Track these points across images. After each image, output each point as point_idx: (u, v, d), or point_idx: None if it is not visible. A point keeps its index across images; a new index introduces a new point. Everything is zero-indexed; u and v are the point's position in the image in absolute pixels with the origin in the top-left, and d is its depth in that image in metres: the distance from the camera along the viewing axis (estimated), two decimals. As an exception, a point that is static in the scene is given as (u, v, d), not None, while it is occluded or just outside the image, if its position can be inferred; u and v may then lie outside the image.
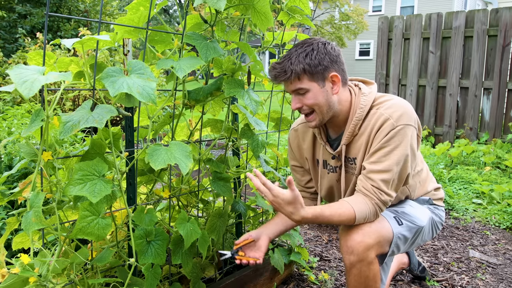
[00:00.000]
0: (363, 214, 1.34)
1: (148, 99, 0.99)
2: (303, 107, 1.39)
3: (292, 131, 1.66)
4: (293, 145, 1.65)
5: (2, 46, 7.52)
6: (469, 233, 2.70)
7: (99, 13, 2.21)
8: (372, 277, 1.36)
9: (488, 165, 4.12)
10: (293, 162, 1.68)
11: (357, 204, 1.34)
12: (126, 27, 1.23)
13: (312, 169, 1.62)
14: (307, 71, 1.33)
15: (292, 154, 1.67)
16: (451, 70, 4.99)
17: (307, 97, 1.37)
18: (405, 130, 1.33)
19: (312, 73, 1.34)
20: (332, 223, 1.34)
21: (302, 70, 1.33)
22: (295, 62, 1.33)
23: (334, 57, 1.37)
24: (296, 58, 1.34)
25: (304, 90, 1.36)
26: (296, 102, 1.39)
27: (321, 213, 1.31)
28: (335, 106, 1.40)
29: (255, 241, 1.47)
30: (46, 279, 0.99)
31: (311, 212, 1.30)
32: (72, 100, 4.33)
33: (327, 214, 1.32)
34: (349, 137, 1.43)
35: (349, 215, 1.32)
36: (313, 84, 1.35)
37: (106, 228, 1.04)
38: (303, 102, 1.38)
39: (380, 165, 1.34)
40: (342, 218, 1.32)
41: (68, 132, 0.94)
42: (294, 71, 1.33)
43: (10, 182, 1.99)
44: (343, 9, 21.23)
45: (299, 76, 1.34)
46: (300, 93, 1.38)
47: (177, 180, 1.54)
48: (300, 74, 1.34)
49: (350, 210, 1.33)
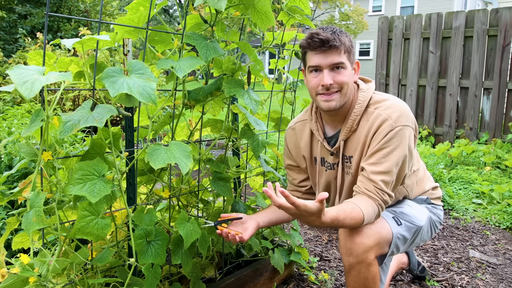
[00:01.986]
0: (370, 216, 1.33)
1: (148, 99, 0.99)
2: (333, 84, 1.37)
3: (289, 130, 1.65)
4: (290, 144, 1.64)
5: (2, 46, 7.52)
6: (469, 233, 2.70)
7: (99, 13, 2.21)
8: (371, 278, 1.36)
9: (488, 165, 4.12)
10: (289, 161, 1.67)
11: (365, 207, 1.32)
12: (126, 27, 1.23)
13: (309, 167, 1.62)
14: (348, 48, 1.36)
15: (288, 153, 1.66)
16: (451, 70, 4.99)
17: (343, 73, 1.37)
18: (404, 131, 1.33)
19: (350, 52, 1.37)
20: (344, 226, 1.32)
21: (348, 46, 1.36)
22: (342, 36, 1.34)
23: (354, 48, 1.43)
24: (339, 32, 1.35)
25: (344, 66, 1.36)
26: (330, 77, 1.36)
27: (336, 218, 1.26)
28: (351, 93, 1.42)
29: (242, 222, 1.42)
30: (46, 279, 0.99)
31: (329, 217, 1.23)
32: (72, 100, 4.33)
33: (342, 218, 1.27)
34: (347, 132, 1.43)
35: (359, 218, 1.30)
36: (349, 63, 1.38)
37: (105, 228, 1.04)
38: (335, 79, 1.37)
39: (380, 166, 1.34)
40: (352, 221, 1.30)
41: (68, 132, 0.94)
42: (344, 43, 1.34)
43: (10, 182, 1.99)
44: (343, 9, 21.23)
45: (344, 50, 1.35)
46: (337, 68, 1.36)
47: (177, 180, 1.54)
48: (346, 48, 1.35)
49: (360, 213, 1.30)
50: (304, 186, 1.68)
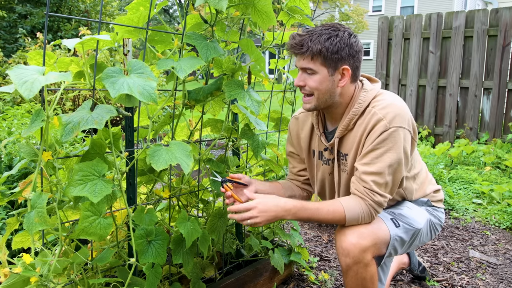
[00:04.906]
0: (355, 215, 1.33)
1: (149, 98, 0.99)
2: (305, 86, 1.38)
3: (293, 119, 1.67)
4: (293, 133, 1.66)
5: (3, 46, 7.52)
6: (469, 233, 2.70)
7: (99, 13, 2.21)
8: (369, 278, 1.35)
9: (488, 165, 4.12)
10: (291, 149, 1.69)
11: (348, 204, 1.33)
12: (126, 27, 1.23)
13: (307, 159, 1.63)
14: (322, 54, 1.31)
15: (291, 141, 1.68)
16: (451, 70, 4.99)
17: (313, 79, 1.36)
18: (398, 132, 1.32)
19: (326, 58, 1.32)
20: (320, 219, 1.34)
21: (318, 51, 1.31)
22: (315, 41, 1.31)
23: (353, 52, 1.35)
24: (317, 37, 1.32)
25: (313, 71, 1.35)
26: (300, 80, 1.38)
27: (303, 206, 1.32)
28: (335, 97, 1.40)
29: (243, 187, 1.45)
30: (47, 279, 0.99)
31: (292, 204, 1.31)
32: (72, 100, 4.33)
33: (313, 207, 1.32)
34: (343, 130, 1.43)
35: (339, 213, 1.32)
36: (324, 69, 1.34)
37: (108, 227, 1.05)
38: (306, 82, 1.37)
39: (372, 167, 1.33)
40: (330, 215, 1.32)
41: (70, 135, 0.95)
42: (310, 48, 1.31)
43: (10, 182, 1.99)
44: (343, 9, 21.23)
45: (313, 56, 1.33)
46: (307, 72, 1.36)
47: (177, 180, 1.54)
48: (315, 54, 1.32)
49: (340, 208, 1.33)
50: (303, 175, 1.69)
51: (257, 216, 1.26)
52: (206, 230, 1.44)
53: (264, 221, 1.27)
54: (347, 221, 1.33)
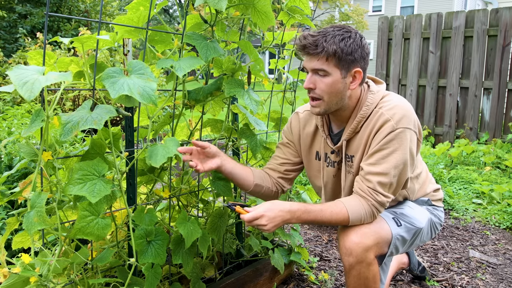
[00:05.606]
0: (358, 216, 1.33)
1: (149, 100, 0.99)
2: (315, 89, 1.34)
3: (295, 114, 1.63)
4: (293, 127, 1.62)
5: (3, 46, 7.52)
6: (469, 233, 2.70)
7: (99, 13, 2.21)
8: (371, 278, 1.36)
9: (488, 165, 4.12)
10: (288, 139, 1.63)
11: (351, 205, 1.33)
12: (126, 27, 1.23)
13: (307, 159, 1.60)
14: (337, 55, 1.28)
15: (290, 134, 1.63)
16: (451, 70, 4.99)
17: (324, 81, 1.32)
18: (405, 133, 1.32)
19: (341, 59, 1.29)
20: (324, 221, 1.33)
21: (334, 52, 1.28)
22: (330, 41, 1.28)
23: (364, 54, 1.34)
24: (332, 37, 1.29)
25: (326, 73, 1.31)
26: (310, 82, 1.34)
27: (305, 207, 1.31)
28: (345, 100, 1.37)
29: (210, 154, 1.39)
30: (47, 279, 0.99)
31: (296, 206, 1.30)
32: (72, 100, 4.33)
33: (316, 209, 1.31)
34: (351, 133, 1.42)
35: (342, 215, 1.32)
36: (337, 71, 1.31)
37: (105, 228, 1.04)
38: (317, 85, 1.33)
39: (378, 167, 1.33)
40: (333, 217, 1.32)
41: (69, 134, 0.95)
42: (326, 49, 1.28)
43: (10, 182, 1.99)
44: (343, 9, 21.23)
45: (328, 57, 1.29)
46: (319, 74, 1.33)
47: (177, 180, 1.54)
48: (330, 55, 1.28)
49: (343, 209, 1.32)
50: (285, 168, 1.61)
51: (266, 224, 1.26)
52: (206, 230, 1.44)
53: (273, 227, 1.27)
54: (351, 222, 1.33)
